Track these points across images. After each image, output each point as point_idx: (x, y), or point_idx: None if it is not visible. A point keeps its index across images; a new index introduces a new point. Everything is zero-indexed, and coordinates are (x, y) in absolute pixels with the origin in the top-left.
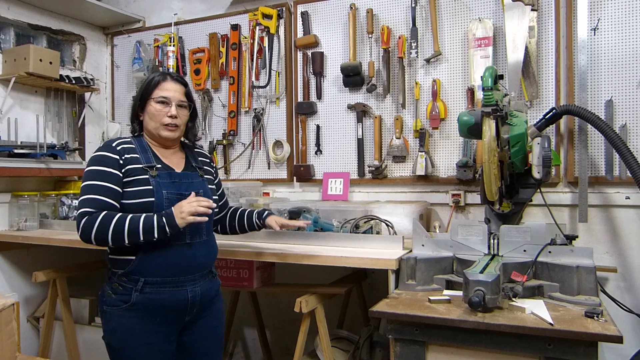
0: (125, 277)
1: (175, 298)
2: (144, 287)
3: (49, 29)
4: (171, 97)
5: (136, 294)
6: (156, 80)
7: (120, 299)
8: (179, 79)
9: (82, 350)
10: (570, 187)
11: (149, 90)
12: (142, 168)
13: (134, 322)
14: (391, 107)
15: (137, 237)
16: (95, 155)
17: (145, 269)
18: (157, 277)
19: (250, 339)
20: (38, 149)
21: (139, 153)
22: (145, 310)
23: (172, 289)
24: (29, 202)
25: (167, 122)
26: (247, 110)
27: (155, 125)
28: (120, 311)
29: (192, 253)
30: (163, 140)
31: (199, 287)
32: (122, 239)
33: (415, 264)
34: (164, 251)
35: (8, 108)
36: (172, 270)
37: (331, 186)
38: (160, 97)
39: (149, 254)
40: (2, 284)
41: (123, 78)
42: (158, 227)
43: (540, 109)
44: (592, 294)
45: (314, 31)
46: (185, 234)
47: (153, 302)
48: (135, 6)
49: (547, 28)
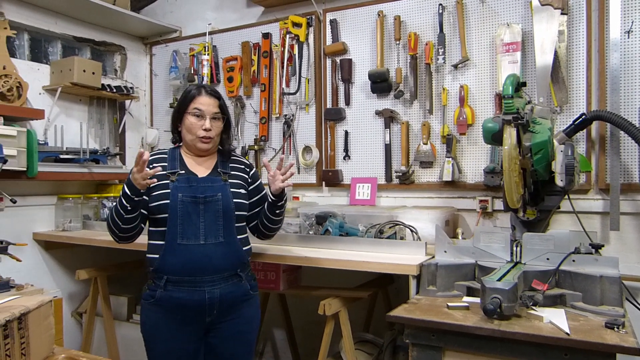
0: (154, 274)
1: (193, 298)
2: (167, 285)
3: (92, 40)
4: (205, 111)
5: (160, 291)
6: (192, 95)
7: (150, 294)
8: (212, 92)
9: (121, 345)
10: (602, 194)
11: (185, 104)
12: (165, 174)
13: (158, 317)
14: (418, 113)
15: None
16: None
17: (166, 267)
18: (176, 276)
19: (280, 340)
20: (81, 154)
21: (168, 162)
22: (167, 306)
23: (190, 288)
24: (73, 205)
25: (201, 135)
26: (277, 117)
27: (191, 138)
28: (149, 305)
29: (207, 254)
30: (198, 151)
31: (219, 289)
32: (119, 216)
33: (435, 270)
34: (178, 250)
35: (55, 116)
36: (188, 270)
37: (359, 191)
38: (195, 111)
39: (168, 253)
40: (49, 280)
41: (161, 86)
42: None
43: (571, 114)
44: (616, 305)
45: (342, 38)
46: (199, 235)
47: (173, 299)
48: (172, 17)
49: (577, 32)
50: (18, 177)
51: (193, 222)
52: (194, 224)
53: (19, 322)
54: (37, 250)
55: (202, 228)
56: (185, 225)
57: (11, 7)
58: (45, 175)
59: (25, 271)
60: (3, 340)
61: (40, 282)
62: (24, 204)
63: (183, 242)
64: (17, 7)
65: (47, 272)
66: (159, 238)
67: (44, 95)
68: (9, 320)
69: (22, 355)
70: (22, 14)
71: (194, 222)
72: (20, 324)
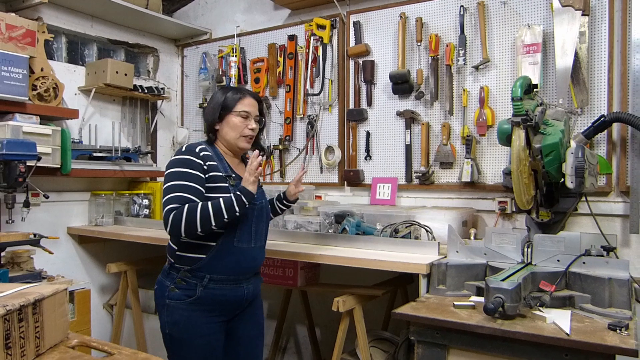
0: (189, 273)
1: (235, 294)
2: (209, 284)
3: (126, 43)
4: (251, 112)
5: (200, 289)
6: (238, 96)
7: (185, 293)
8: (256, 96)
9: (148, 337)
10: (623, 197)
11: (230, 104)
12: (223, 177)
13: (196, 315)
14: (439, 114)
15: (222, 217)
16: (180, 158)
17: (213, 267)
18: (222, 275)
19: (302, 336)
20: (114, 152)
21: (217, 161)
22: (208, 304)
23: (232, 286)
24: (105, 201)
25: (247, 134)
26: (301, 117)
27: (235, 136)
28: (184, 305)
29: (254, 256)
30: (239, 150)
31: (252, 285)
32: (210, 223)
33: (446, 269)
34: (232, 252)
35: (89, 115)
36: (236, 270)
37: (379, 191)
38: (243, 112)
39: (219, 253)
40: (81, 273)
41: (192, 86)
42: (237, 201)
43: (591, 115)
44: (624, 307)
45: (365, 40)
46: (251, 238)
47: (215, 297)
48: (202, 20)
49: (599, 33)
50: (53, 173)
51: (248, 227)
52: (249, 228)
53: (34, 307)
54: (70, 244)
55: (254, 232)
56: (244, 229)
57: (49, 11)
58: (79, 172)
59: (59, 263)
60: (18, 324)
61: (72, 274)
62: (59, 200)
63: (239, 245)
64: (54, 11)
65: (79, 265)
66: (207, 239)
67: (79, 96)
68: (24, 305)
69: (37, 338)
70: (59, 18)
71: (249, 226)
72: (35, 309)
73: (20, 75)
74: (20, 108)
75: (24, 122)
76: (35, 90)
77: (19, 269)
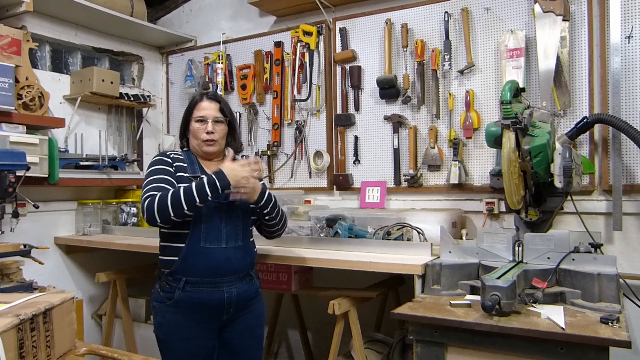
0: (170, 277)
1: (213, 297)
2: (185, 286)
3: (111, 51)
4: (207, 115)
5: (179, 292)
6: (194, 101)
7: (166, 296)
8: (213, 97)
9: (139, 346)
10: (605, 195)
11: (190, 111)
12: (188, 177)
13: (177, 318)
14: (426, 117)
15: (193, 200)
16: (152, 162)
17: (186, 269)
18: (197, 277)
19: (294, 340)
20: (100, 160)
21: (187, 164)
22: (187, 307)
23: (209, 288)
24: (92, 210)
25: (205, 139)
26: (289, 123)
27: (197, 142)
28: (166, 307)
29: (228, 257)
30: (206, 154)
31: (235, 289)
32: (181, 206)
33: (440, 269)
34: (200, 253)
35: (75, 124)
36: (209, 272)
37: (369, 194)
38: (197, 117)
39: (188, 254)
40: (70, 283)
41: (177, 94)
42: (209, 185)
43: (574, 117)
44: (613, 301)
45: (351, 46)
46: (221, 239)
47: (193, 299)
48: (187, 27)
49: (579, 37)
50: (40, 183)
51: (215, 226)
52: (216, 228)
53: (44, 316)
54: (58, 254)
55: (224, 232)
56: (209, 229)
57: (33, 20)
58: (66, 182)
59: (47, 274)
60: (30, 333)
61: (61, 284)
62: (46, 209)
63: (206, 246)
64: (39, 20)
65: (67, 275)
66: (178, 241)
67: (64, 105)
68: (35, 315)
69: (47, 347)
70: (43, 26)
71: (216, 226)
72: (45, 318)
73: (6, 85)
74: (6, 117)
75: (10, 131)
76: (21, 99)
77: (8, 281)
